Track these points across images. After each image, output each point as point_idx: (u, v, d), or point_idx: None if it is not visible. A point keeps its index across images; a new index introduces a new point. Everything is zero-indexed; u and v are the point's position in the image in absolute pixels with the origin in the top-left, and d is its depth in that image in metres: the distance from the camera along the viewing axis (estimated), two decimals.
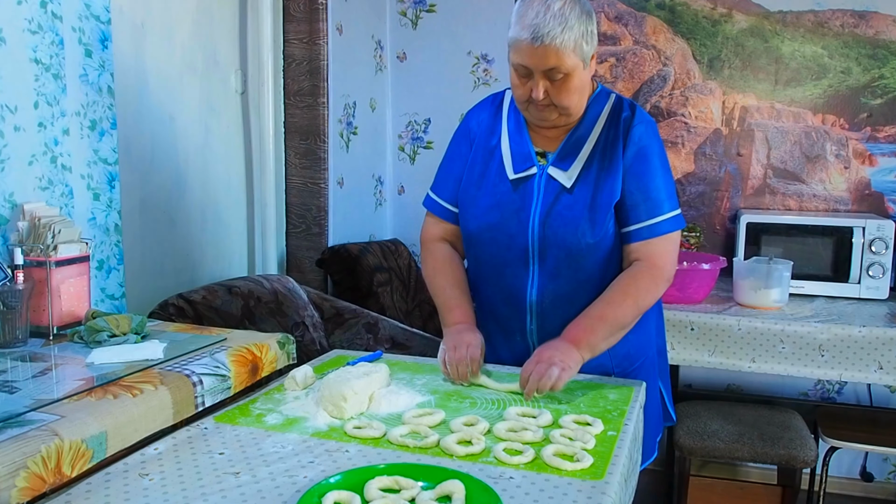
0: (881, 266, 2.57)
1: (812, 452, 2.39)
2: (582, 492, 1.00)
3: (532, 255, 1.54)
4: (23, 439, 0.98)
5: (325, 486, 0.98)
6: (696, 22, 3.05)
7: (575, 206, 1.51)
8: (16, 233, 1.53)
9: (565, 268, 1.53)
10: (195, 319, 1.97)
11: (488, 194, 1.57)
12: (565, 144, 1.55)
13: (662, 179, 1.54)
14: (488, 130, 1.63)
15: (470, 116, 1.69)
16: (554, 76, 1.43)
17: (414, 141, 3.44)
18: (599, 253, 1.54)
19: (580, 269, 1.53)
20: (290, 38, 2.71)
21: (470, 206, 1.60)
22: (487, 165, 1.60)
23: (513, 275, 1.57)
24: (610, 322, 1.47)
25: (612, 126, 1.55)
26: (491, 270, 1.60)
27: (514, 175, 1.56)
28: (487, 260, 1.60)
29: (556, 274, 1.54)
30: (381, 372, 1.37)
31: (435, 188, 1.71)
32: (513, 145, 1.59)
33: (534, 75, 1.43)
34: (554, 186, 1.53)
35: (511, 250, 1.55)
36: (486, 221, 1.57)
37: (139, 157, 2.08)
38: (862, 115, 2.93)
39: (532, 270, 1.55)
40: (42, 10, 1.60)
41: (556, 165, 1.54)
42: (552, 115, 1.50)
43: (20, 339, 1.42)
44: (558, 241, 1.51)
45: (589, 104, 1.56)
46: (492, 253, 1.58)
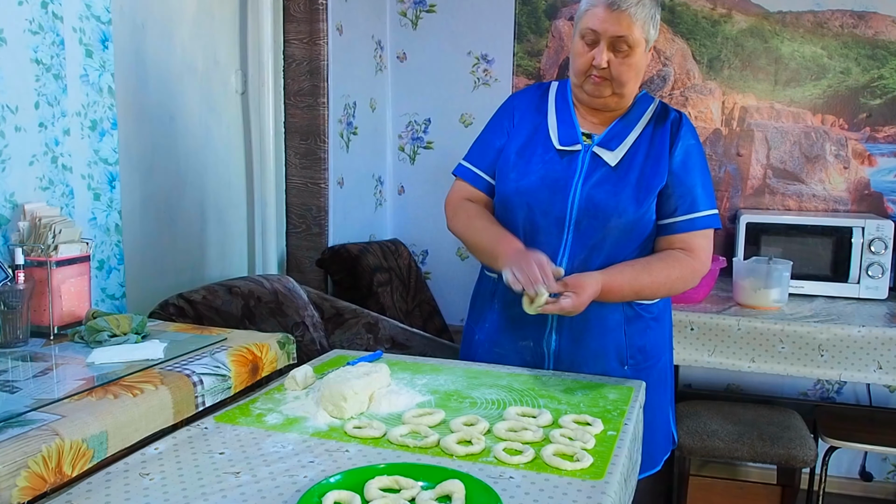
0: (880, 266, 2.57)
1: (811, 452, 2.40)
2: (582, 491, 1.00)
3: (568, 225, 1.56)
4: (23, 439, 0.98)
5: (326, 486, 0.98)
6: (696, 22, 3.05)
7: (619, 182, 1.55)
8: (17, 233, 1.53)
9: (600, 240, 1.55)
10: (195, 319, 1.97)
11: (530, 161, 1.60)
12: (612, 129, 1.61)
13: (706, 178, 1.62)
14: (534, 108, 1.67)
15: (514, 97, 1.73)
16: (620, 46, 1.50)
17: (414, 141, 3.44)
18: (636, 234, 1.56)
19: (614, 246, 1.55)
20: (290, 39, 2.72)
21: (509, 171, 1.62)
22: (532, 138, 1.63)
23: (545, 242, 1.57)
24: (637, 290, 1.53)
25: (659, 124, 1.62)
26: (521, 235, 1.58)
27: (559, 146, 1.60)
28: (520, 225, 1.60)
29: (590, 245, 1.56)
30: (381, 372, 1.37)
31: (469, 157, 1.73)
32: (559, 122, 1.63)
33: (600, 43, 1.50)
34: (598, 163, 1.57)
35: (546, 217, 1.57)
36: (524, 185, 1.58)
37: (140, 158, 2.08)
38: (861, 116, 2.93)
39: (565, 239, 1.57)
40: (43, 11, 1.61)
41: (602, 145, 1.59)
42: (606, 90, 1.55)
43: (21, 338, 1.42)
44: (599, 212, 1.54)
45: (636, 100, 1.64)
46: (526, 217, 1.59)
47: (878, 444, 2.49)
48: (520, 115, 1.68)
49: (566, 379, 1.49)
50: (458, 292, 3.39)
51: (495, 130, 1.70)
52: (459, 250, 3.36)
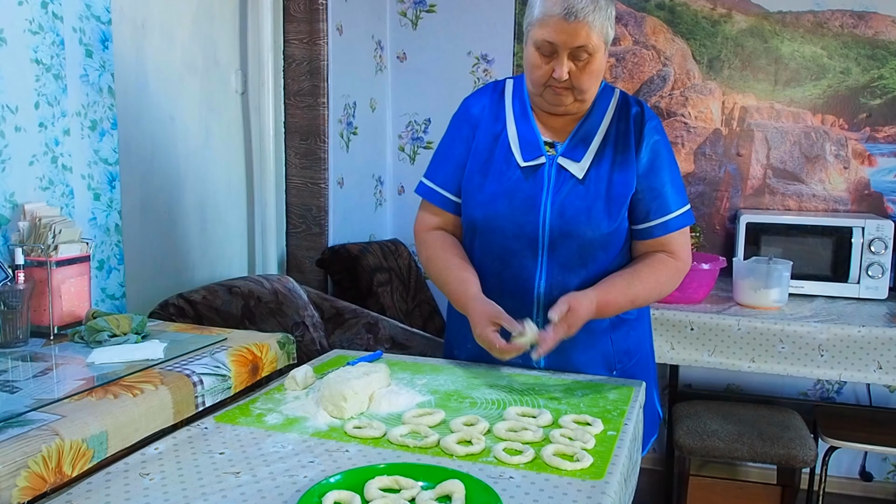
0: (880, 266, 2.57)
1: (811, 452, 2.40)
2: (582, 491, 1.00)
3: (542, 246, 1.51)
4: (24, 439, 0.98)
5: (326, 486, 0.98)
6: (696, 22, 3.05)
7: (588, 196, 1.50)
8: (17, 233, 1.53)
9: (576, 259, 1.52)
10: (195, 319, 1.97)
11: (495, 181, 1.53)
12: (575, 135, 1.54)
13: (675, 175, 1.57)
14: (492, 116, 1.59)
15: (470, 102, 1.64)
16: (580, 55, 1.42)
17: (414, 141, 3.44)
18: (612, 246, 1.54)
19: (591, 262, 1.52)
20: (290, 39, 2.72)
21: (475, 193, 1.55)
22: (492, 152, 1.56)
23: (519, 265, 1.53)
24: (632, 300, 1.50)
25: (622, 120, 1.55)
26: (495, 261, 1.55)
27: (524, 163, 1.52)
28: (492, 250, 1.55)
29: (566, 265, 1.52)
30: (381, 372, 1.37)
31: (431, 175, 1.64)
32: (520, 132, 1.55)
33: (558, 54, 1.42)
34: (564, 176, 1.51)
35: (519, 240, 1.52)
36: (493, 210, 1.53)
37: (139, 158, 2.08)
38: (861, 116, 2.93)
39: (541, 261, 1.52)
40: (43, 11, 1.61)
41: (567, 156, 1.52)
42: (568, 99, 1.48)
43: (21, 338, 1.42)
44: (572, 231, 1.49)
45: (596, 97, 1.56)
46: (498, 243, 1.54)
47: (878, 444, 2.49)
48: (479, 122, 1.59)
49: (566, 379, 1.49)
50: None
51: (456, 143, 1.61)
52: None
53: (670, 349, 2.43)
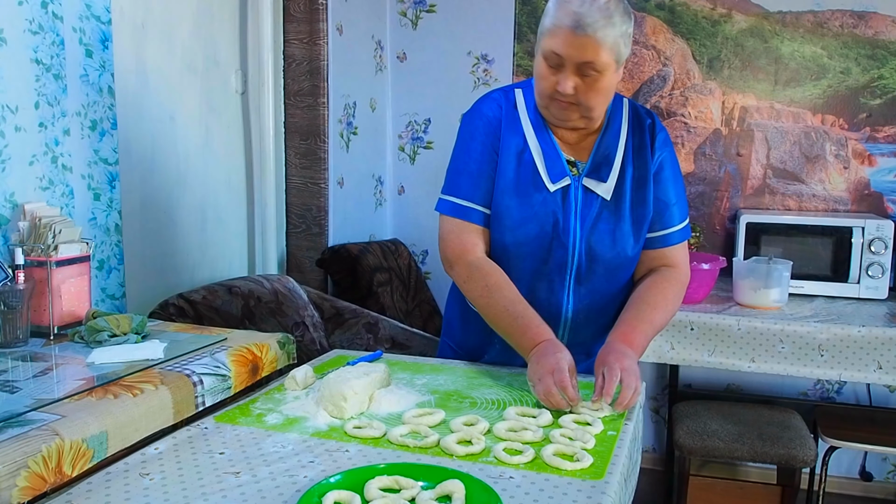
0: (880, 266, 2.57)
1: (811, 452, 2.40)
2: (582, 491, 1.00)
3: (571, 269, 1.49)
4: (24, 439, 0.98)
5: (326, 486, 0.98)
6: (696, 22, 3.05)
7: (618, 221, 1.48)
8: (17, 233, 1.53)
9: (604, 281, 1.51)
10: (195, 319, 1.97)
11: (524, 204, 1.47)
12: (596, 153, 1.50)
13: (680, 188, 1.56)
14: (510, 128, 1.51)
15: (485, 108, 1.54)
16: (586, 72, 1.36)
17: (414, 141, 3.44)
18: (632, 265, 1.54)
19: (616, 282, 1.52)
20: (290, 39, 2.72)
21: (505, 217, 1.49)
22: (518, 172, 1.49)
23: (548, 289, 1.51)
24: (656, 327, 1.48)
25: (637, 132, 1.52)
26: (523, 285, 1.49)
27: (554, 186, 1.47)
28: (521, 273, 1.50)
29: (594, 288, 1.51)
30: (381, 372, 1.37)
31: (457, 192, 1.51)
32: (543, 151, 1.49)
33: (565, 68, 1.37)
34: (591, 198, 1.48)
35: (548, 264, 1.49)
36: (523, 234, 1.48)
37: (139, 158, 2.08)
38: (861, 116, 2.93)
39: (569, 284, 1.50)
40: (43, 11, 1.61)
41: (592, 177, 1.48)
42: (573, 115, 1.43)
43: (21, 338, 1.42)
44: (600, 255, 1.48)
45: (610, 109, 1.52)
46: (527, 267, 1.50)
47: (878, 444, 2.49)
48: (499, 133, 1.51)
49: None
50: None
51: (482, 152, 1.51)
52: None
53: (670, 349, 2.43)
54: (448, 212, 1.52)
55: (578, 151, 1.51)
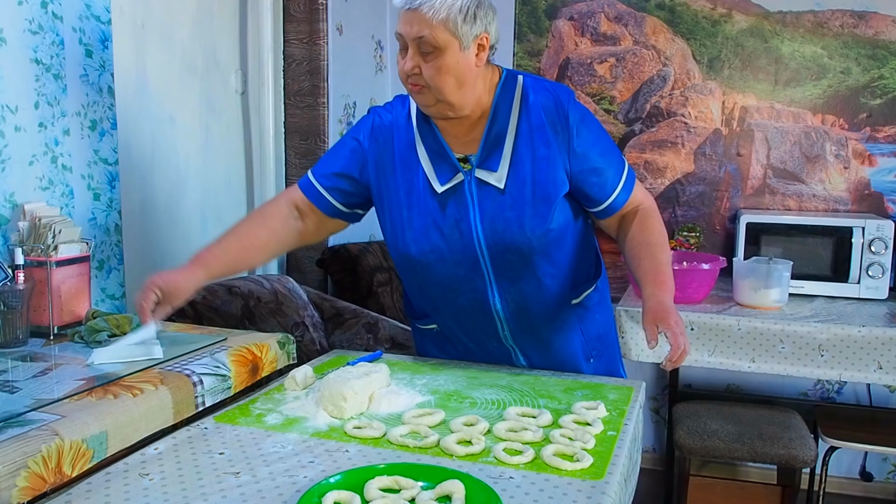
0: (881, 266, 2.57)
1: (812, 452, 2.40)
2: (582, 492, 1.00)
3: (485, 265, 1.48)
4: (23, 439, 0.98)
5: (325, 486, 0.98)
6: (696, 22, 3.05)
7: (515, 205, 1.44)
8: (16, 233, 1.53)
9: (522, 268, 1.48)
10: (195, 319, 1.97)
11: (421, 213, 1.47)
12: (485, 143, 1.45)
13: (608, 143, 1.52)
14: (401, 138, 1.51)
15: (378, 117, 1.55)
16: (425, 49, 1.35)
17: None
18: (560, 244, 1.49)
19: (539, 265, 1.48)
20: (290, 39, 2.72)
21: (406, 230, 1.49)
22: (412, 182, 1.48)
23: (471, 289, 1.51)
24: (670, 260, 1.49)
25: (532, 113, 1.45)
26: (445, 290, 1.52)
27: (442, 188, 1.46)
28: (439, 280, 1.51)
29: (514, 277, 1.49)
30: (380, 372, 1.37)
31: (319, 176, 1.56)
32: (431, 155, 1.48)
33: (408, 48, 1.37)
34: (487, 190, 1.45)
35: (461, 265, 1.48)
36: (427, 243, 1.47)
37: (139, 157, 2.08)
38: (861, 116, 2.93)
39: (488, 279, 1.49)
40: (43, 11, 1.61)
41: (483, 167, 1.45)
42: (428, 99, 1.40)
43: (21, 338, 1.42)
44: (507, 244, 1.45)
45: (497, 94, 1.47)
46: (442, 273, 1.50)
47: (879, 444, 2.49)
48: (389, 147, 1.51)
49: (566, 379, 1.49)
50: None
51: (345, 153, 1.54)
52: None
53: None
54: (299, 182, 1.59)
55: (468, 144, 1.48)
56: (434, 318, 1.62)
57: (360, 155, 1.53)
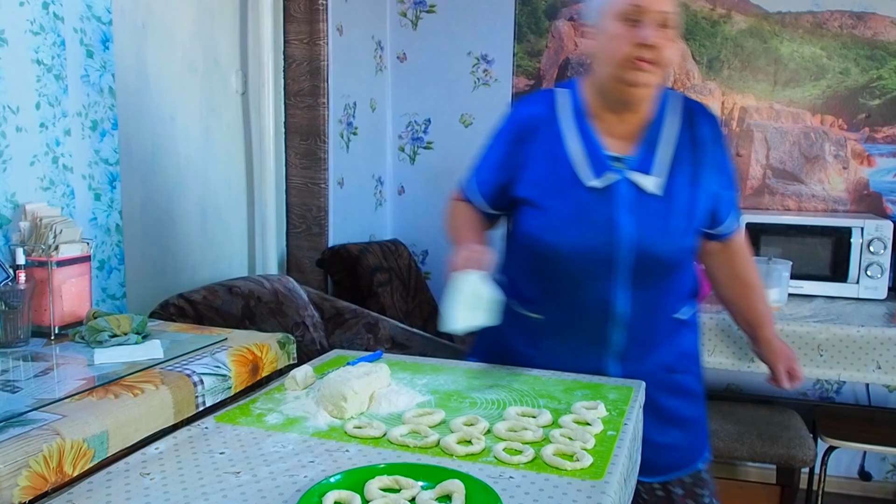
0: (879, 266, 2.57)
1: (811, 452, 2.40)
2: (582, 491, 1.01)
3: (622, 267, 1.46)
4: (24, 438, 0.99)
5: (326, 486, 0.98)
6: (696, 23, 3.05)
7: (667, 214, 1.45)
8: (17, 233, 1.53)
9: (657, 277, 1.49)
10: (196, 319, 1.97)
11: (563, 204, 1.46)
12: (643, 145, 1.48)
13: (734, 171, 1.60)
14: (549, 129, 1.51)
15: (521, 116, 1.56)
16: (667, 24, 1.39)
17: (414, 141, 3.44)
18: (689, 259, 1.56)
19: (669, 276, 1.51)
20: (290, 39, 2.72)
21: (547, 217, 1.48)
22: (557, 173, 1.48)
23: (597, 287, 1.48)
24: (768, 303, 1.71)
25: (692, 125, 1.51)
26: (570, 282, 1.49)
27: (592, 183, 1.45)
28: (567, 272, 1.48)
29: (645, 283, 1.47)
30: (381, 372, 1.37)
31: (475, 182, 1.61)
32: (584, 148, 1.48)
33: (642, 22, 1.38)
34: (639, 194, 1.45)
35: (596, 263, 1.46)
36: (564, 235, 1.46)
37: (140, 158, 2.08)
38: (860, 116, 2.93)
39: (618, 282, 1.47)
40: (44, 11, 1.61)
41: (639, 170, 1.46)
42: (648, 78, 1.41)
43: (22, 338, 1.42)
44: (650, 250, 1.45)
45: (662, 100, 1.51)
46: (574, 265, 1.47)
47: (877, 443, 2.49)
48: (529, 138, 1.52)
49: (566, 379, 1.49)
50: None
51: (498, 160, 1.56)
52: None
53: None
54: (461, 184, 1.66)
55: (623, 144, 1.49)
56: (543, 308, 1.56)
57: (509, 158, 1.55)
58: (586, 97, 1.52)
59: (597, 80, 1.49)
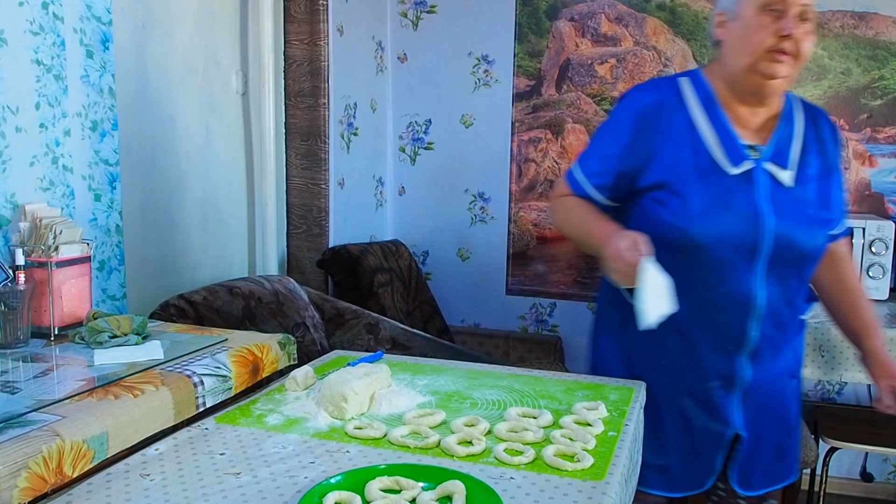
0: (881, 267, 2.57)
1: (812, 453, 2.39)
2: (582, 492, 1.00)
3: (762, 256, 1.43)
4: (24, 439, 0.98)
5: (326, 487, 0.98)
6: (697, 23, 3.05)
7: (803, 205, 1.46)
8: (17, 233, 1.53)
9: (794, 268, 1.48)
10: (196, 320, 1.97)
11: (703, 192, 1.43)
12: (776, 137, 1.48)
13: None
14: (677, 115, 1.48)
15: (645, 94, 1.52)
16: (805, 16, 1.39)
17: (415, 142, 3.44)
18: (821, 252, 1.54)
19: (803, 270, 1.51)
20: (290, 39, 2.72)
21: (686, 205, 1.43)
22: (691, 161, 1.45)
23: (736, 278, 1.44)
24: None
25: (815, 124, 1.53)
26: (710, 274, 1.45)
27: (733, 170, 1.44)
28: (707, 262, 1.44)
29: (784, 274, 1.47)
30: (381, 372, 1.37)
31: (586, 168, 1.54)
32: (718, 137, 1.46)
33: (786, 14, 1.37)
34: (775, 184, 1.45)
35: (738, 252, 1.43)
36: (711, 222, 1.42)
37: (140, 158, 2.08)
38: (862, 116, 2.93)
39: (759, 273, 1.45)
40: (43, 12, 1.61)
41: (774, 161, 1.46)
42: (785, 70, 1.40)
43: (21, 339, 1.42)
44: (791, 241, 1.44)
45: (788, 97, 1.53)
46: (715, 256, 1.43)
47: (879, 444, 2.49)
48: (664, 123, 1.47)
49: (566, 379, 1.49)
50: (459, 293, 3.39)
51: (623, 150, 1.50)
52: (460, 251, 3.36)
53: None
54: (568, 179, 1.58)
55: (754, 135, 1.49)
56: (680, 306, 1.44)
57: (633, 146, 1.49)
58: (714, 86, 1.50)
59: (728, 70, 1.47)
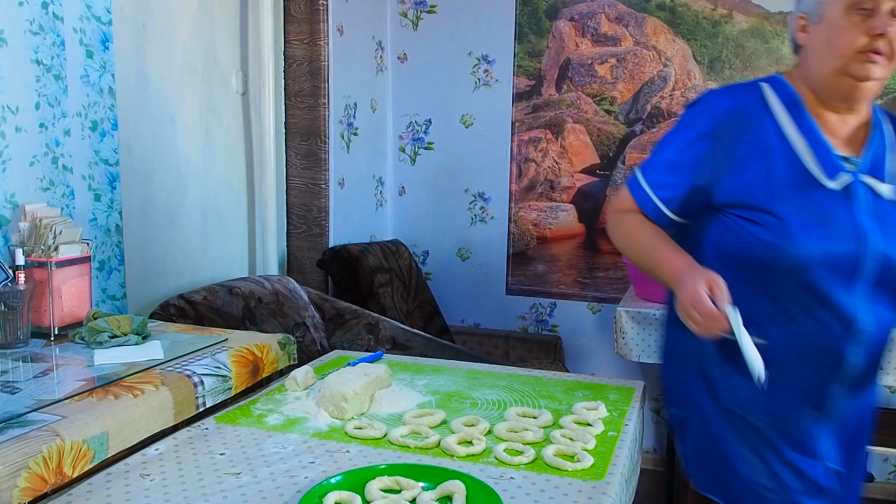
0: None
1: None
2: (582, 492, 1.00)
3: (864, 275, 1.30)
4: (24, 439, 0.98)
5: (326, 487, 0.98)
6: (697, 23, 3.05)
7: None
8: (17, 233, 1.53)
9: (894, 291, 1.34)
10: (196, 320, 1.97)
11: (798, 206, 1.30)
12: (873, 150, 1.36)
13: None
14: (761, 123, 1.36)
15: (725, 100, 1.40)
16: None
17: (415, 142, 3.44)
18: None
19: None
20: (290, 39, 2.72)
21: (779, 223, 1.30)
22: (783, 172, 1.32)
23: (836, 300, 1.30)
24: None
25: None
26: (806, 294, 1.30)
27: (830, 183, 1.30)
28: (804, 282, 1.30)
29: (886, 298, 1.33)
30: (381, 372, 1.37)
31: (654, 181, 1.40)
32: (811, 147, 1.33)
33: (877, 12, 1.27)
34: (875, 199, 1.32)
35: (838, 271, 1.29)
36: (811, 240, 1.28)
37: (140, 158, 2.08)
38: None
39: (861, 295, 1.31)
40: (43, 12, 1.61)
41: (871, 174, 1.33)
42: (878, 70, 1.30)
43: (21, 339, 1.42)
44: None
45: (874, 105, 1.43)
46: (815, 276, 1.29)
47: (879, 444, 2.48)
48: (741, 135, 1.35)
49: (566, 379, 1.49)
50: (459, 293, 3.39)
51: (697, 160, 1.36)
52: (460, 251, 3.36)
53: None
54: (633, 192, 1.43)
55: (845, 145, 1.36)
56: (766, 329, 1.31)
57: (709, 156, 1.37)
58: (801, 92, 1.40)
59: (814, 75, 1.38)
